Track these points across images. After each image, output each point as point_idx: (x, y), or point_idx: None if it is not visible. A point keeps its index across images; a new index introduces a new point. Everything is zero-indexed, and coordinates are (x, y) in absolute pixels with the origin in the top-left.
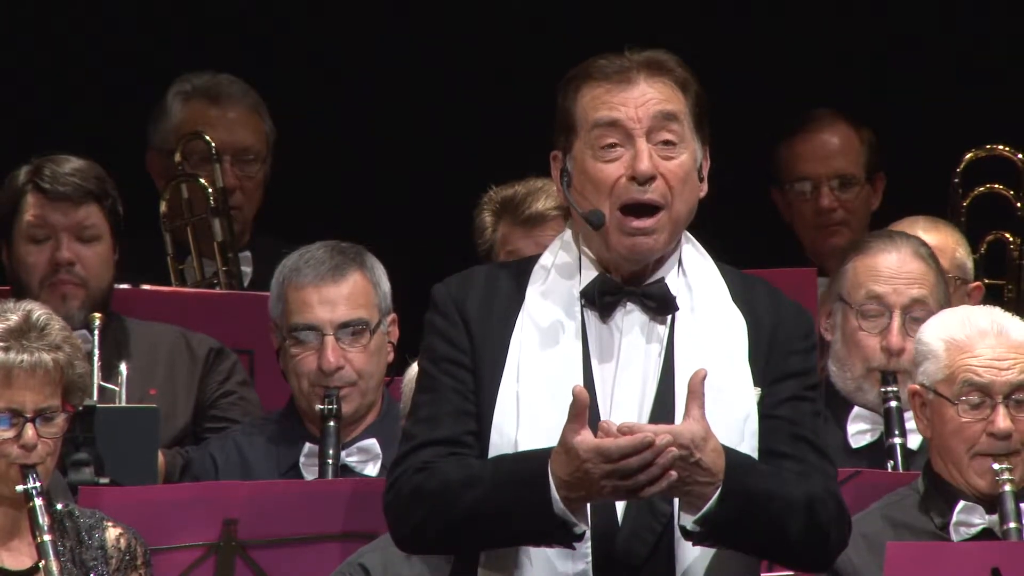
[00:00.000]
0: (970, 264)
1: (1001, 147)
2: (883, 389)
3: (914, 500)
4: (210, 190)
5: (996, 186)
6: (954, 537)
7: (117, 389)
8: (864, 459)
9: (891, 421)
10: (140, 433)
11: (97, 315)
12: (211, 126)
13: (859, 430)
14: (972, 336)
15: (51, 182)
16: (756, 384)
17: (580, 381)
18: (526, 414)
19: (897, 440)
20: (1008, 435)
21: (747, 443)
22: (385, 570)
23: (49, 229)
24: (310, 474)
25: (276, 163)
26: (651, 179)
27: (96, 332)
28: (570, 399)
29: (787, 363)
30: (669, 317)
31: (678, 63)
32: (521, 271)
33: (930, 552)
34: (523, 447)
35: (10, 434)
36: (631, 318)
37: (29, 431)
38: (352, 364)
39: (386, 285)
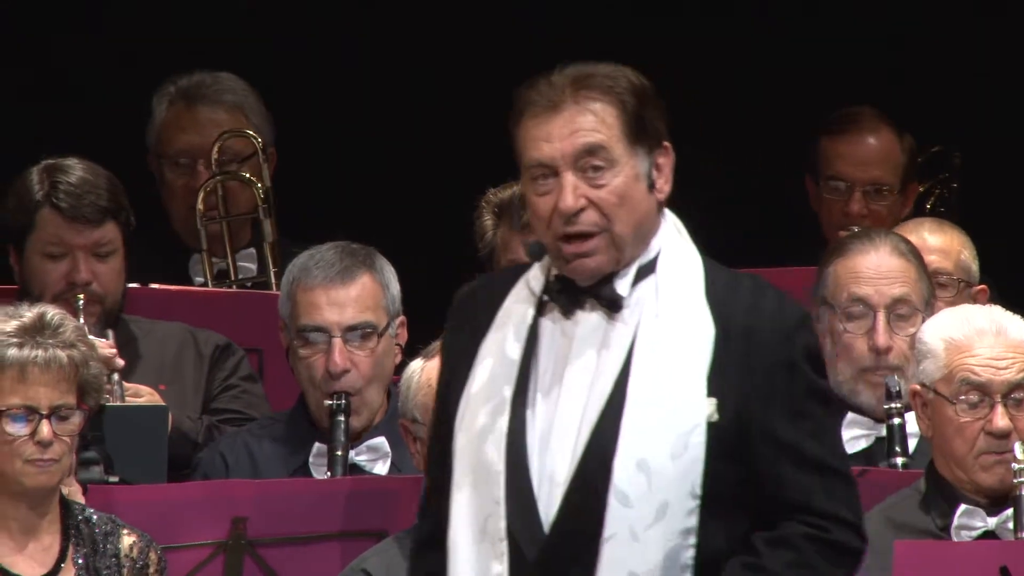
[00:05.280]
0: (975, 267)
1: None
2: (887, 406)
3: (915, 500)
4: (259, 186)
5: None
6: (955, 540)
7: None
8: (858, 464)
9: (893, 438)
10: (149, 431)
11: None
12: (186, 129)
13: (853, 436)
14: (970, 335)
15: (67, 201)
16: (714, 393)
17: (512, 383)
18: (464, 416)
19: (899, 460)
20: (1006, 434)
21: (690, 453)
22: (388, 575)
23: (65, 247)
24: (319, 474)
25: (282, 161)
26: (577, 213)
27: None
28: (501, 403)
29: (773, 382)
30: (636, 323)
31: (607, 75)
32: (515, 278)
33: (939, 551)
34: (458, 447)
35: (25, 431)
36: (589, 319)
37: (44, 427)
38: (359, 367)
39: (396, 287)
